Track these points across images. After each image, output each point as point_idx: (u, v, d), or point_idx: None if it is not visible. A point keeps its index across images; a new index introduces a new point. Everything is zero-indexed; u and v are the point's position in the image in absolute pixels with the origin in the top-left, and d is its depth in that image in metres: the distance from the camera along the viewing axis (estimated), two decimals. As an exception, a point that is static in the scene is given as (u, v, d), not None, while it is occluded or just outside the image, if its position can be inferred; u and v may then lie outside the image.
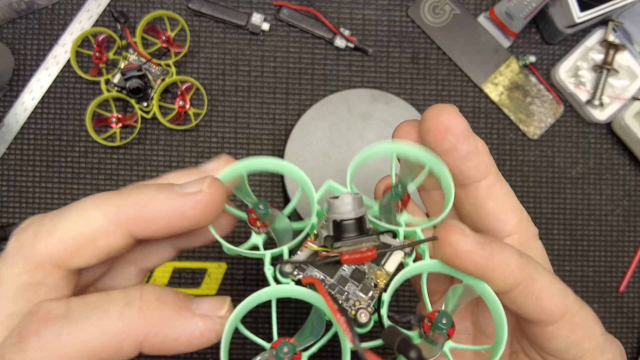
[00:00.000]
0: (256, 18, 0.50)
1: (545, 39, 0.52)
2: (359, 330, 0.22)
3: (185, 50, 0.49)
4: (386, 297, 0.22)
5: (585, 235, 0.52)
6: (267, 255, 0.24)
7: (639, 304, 0.52)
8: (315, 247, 0.23)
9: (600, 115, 0.50)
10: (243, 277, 0.51)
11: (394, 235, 0.24)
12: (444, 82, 0.52)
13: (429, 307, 0.23)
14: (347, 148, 0.48)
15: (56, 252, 0.20)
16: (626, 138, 0.51)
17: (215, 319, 0.21)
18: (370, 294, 0.22)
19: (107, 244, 0.21)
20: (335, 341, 0.22)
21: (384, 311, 0.22)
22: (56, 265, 0.20)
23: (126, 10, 0.51)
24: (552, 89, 0.52)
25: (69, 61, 0.50)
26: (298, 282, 0.23)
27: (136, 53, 0.49)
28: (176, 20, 0.49)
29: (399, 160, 0.24)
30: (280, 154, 0.51)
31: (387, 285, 0.22)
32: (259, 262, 0.51)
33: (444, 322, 0.21)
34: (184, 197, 0.22)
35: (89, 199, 0.21)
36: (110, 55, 0.49)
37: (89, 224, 0.20)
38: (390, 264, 0.23)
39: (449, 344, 0.22)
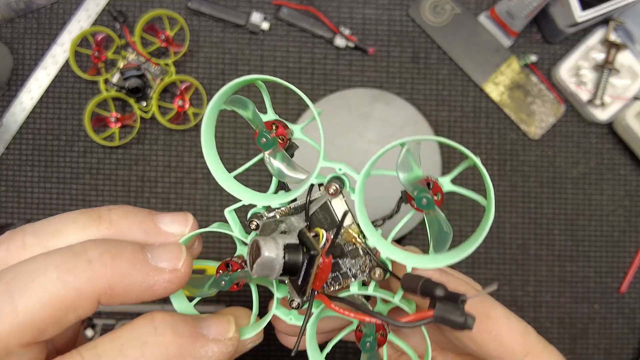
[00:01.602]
0: (256, 17, 0.50)
1: (546, 38, 0.52)
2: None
3: (185, 49, 0.49)
4: (374, 242, 0.22)
5: (587, 235, 0.52)
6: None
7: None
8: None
9: (601, 115, 0.50)
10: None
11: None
12: (445, 82, 0.51)
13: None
14: (347, 148, 0.48)
15: (21, 334, 0.19)
16: (627, 138, 0.50)
17: (226, 342, 0.22)
18: (361, 252, 0.23)
19: (76, 316, 0.20)
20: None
21: (384, 255, 0.22)
22: (23, 345, 0.19)
23: (125, 10, 0.50)
24: (553, 89, 0.52)
25: (67, 61, 0.50)
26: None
27: (135, 52, 0.49)
28: (175, 20, 0.49)
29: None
30: (280, 153, 0.51)
31: (361, 233, 0.22)
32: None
33: (419, 190, 0.21)
34: (158, 274, 0.21)
35: (51, 271, 0.19)
36: (109, 54, 0.49)
37: (58, 302, 0.19)
38: (340, 212, 0.23)
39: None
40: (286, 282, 0.23)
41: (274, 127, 0.23)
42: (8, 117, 0.50)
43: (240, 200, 0.24)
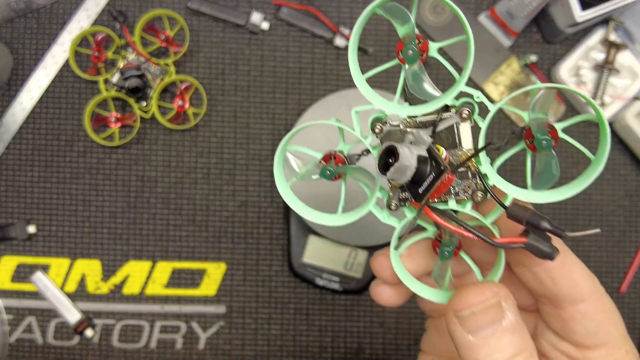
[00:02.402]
0: (256, 17, 0.50)
1: (546, 38, 0.52)
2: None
3: (185, 49, 0.49)
4: (486, 169, 0.24)
5: (586, 235, 0.52)
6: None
7: (640, 305, 0.52)
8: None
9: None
10: (242, 277, 0.51)
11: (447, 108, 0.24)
12: (445, 82, 0.51)
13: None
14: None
15: None
16: (627, 138, 0.50)
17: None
18: (470, 175, 0.24)
19: None
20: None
21: (492, 181, 0.23)
22: None
23: (125, 10, 0.50)
24: (553, 89, 0.52)
25: (67, 61, 0.50)
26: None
27: (135, 52, 0.49)
28: (175, 20, 0.49)
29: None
30: (279, 153, 0.51)
31: (470, 158, 0.24)
32: (259, 261, 0.51)
33: (541, 132, 0.22)
34: None
35: None
36: (109, 54, 0.49)
37: None
38: (465, 141, 0.24)
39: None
40: (389, 186, 0.25)
41: (419, 41, 0.24)
42: (8, 117, 0.50)
43: (371, 104, 0.25)
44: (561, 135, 0.23)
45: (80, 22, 0.50)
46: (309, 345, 0.51)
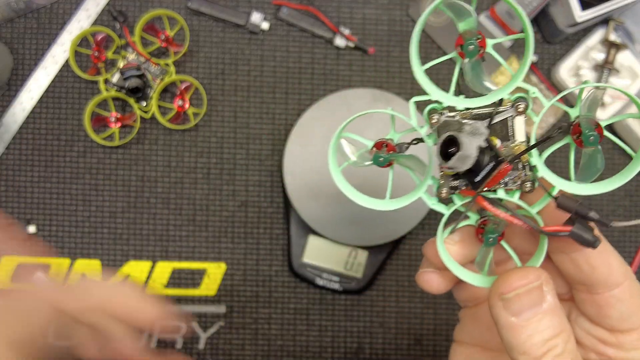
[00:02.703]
0: (256, 17, 0.50)
1: (546, 38, 0.52)
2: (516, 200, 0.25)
3: (185, 49, 0.49)
4: (535, 161, 0.25)
5: (586, 235, 0.52)
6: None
7: None
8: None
9: (601, 114, 0.50)
10: (242, 277, 0.51)
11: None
12: (444, 82, 0.51)
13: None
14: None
15: None
16: (627, 138, 0.50)
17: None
18: (520, 166, 0.25)
19: None
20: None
21: (541, 173, 0.24)
22: None
23: (125, 10, 0.50)
24: (553, 89, 0.52)
25: (67, 60, 0.50)
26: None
27: (135, 52, 0.49)
28: (175, 20, 0.49)
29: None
30: (280, 153, 0.51)
31: (525, 151, 0.25)
32: (259, 261, 0.51)
33: (589, 128, 0.23)
34: None
35: None
36: (109, 54, 0.49)
37: None
38: (519, 134, 0.25)
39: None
40: (440, 174, 0.26)
41: (477, 37, 0.25)
42: (8, 117, 0.50)
43: (428, 95, 0.26)
44: (605, 133, 0.24)
45: (80, 22, 0.50)
46: (309, 345, 0.51)
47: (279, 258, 0.51)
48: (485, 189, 0.25)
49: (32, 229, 0.50)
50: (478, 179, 0.24)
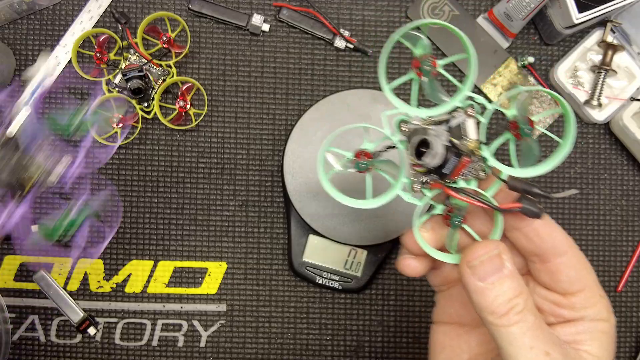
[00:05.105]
0: (256, 19, 0.50)
1: (543, 39, 0.52)
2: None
3: (186, 51, 0.49)
4: (485, 154, 0.30)
5: (584, 235, 0.52)
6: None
7: (637, 304, 0.52)
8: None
9: (598, 115, 0.51)
10: (243, 276, 0.52)
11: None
12: (443, 83, 0.52)
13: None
14: (347, 148, 0.48)
15: None
16: (624, 138, 0.51)
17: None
18: (475, 159, 0.30)
19: None
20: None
21: (491, 163, 0.30)
22: None
23: (127, 11, 0.51)
24: (551, 89, 0.52)
25: (70, 61, 0.50)
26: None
27: (137, 54, 0.49)
28: (177, 21, 0.49)
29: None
30: (280, 153, 0.51)
31: (480, 146, 0.30)
32: (260, 260, 0.52)
33: (524, 123, 0.29)
34: None
35: None
36: (111, 55, 0.49)
37: None
38: (471, 133, 0.30)
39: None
40: (412, 173, 0.31)
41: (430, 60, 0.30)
42: (11, 118, 0.50)
43: (397, 108, 0.31)
44: (537, 127, 0.29)
45: (83, 24, 0.51)
46: (309, 343, 0.52)
47: (280, 257, 0.52)
48: (449, 180, 0.30)
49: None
50: (446, 171, 0.29)
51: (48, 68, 0.50)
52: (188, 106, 0.50)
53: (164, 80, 0.50)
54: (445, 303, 0.35)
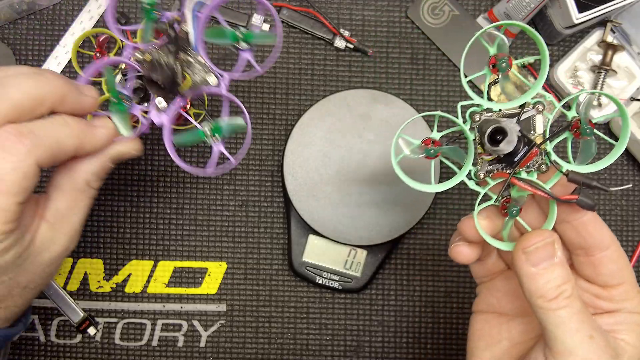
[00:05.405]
0: (256, 19, 0.50)
1: (543, 39, 0.52)
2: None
3: (186, 50, 0.49)
4: (549, 147, 0.32)
5: (584, 234, 0.52)
6: None
7: (637, 303, 0.52)
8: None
9: (597, 114, 0.51)
10: (243, 276, 0.52)
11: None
12: (443, 83, 0.52)
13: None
14: (347, 148, 0.48)
15: (10, 114, 0.30)
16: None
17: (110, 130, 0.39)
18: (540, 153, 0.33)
19: (44, 110, 0.33)
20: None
21: (553, 157, 0.32)
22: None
23: (127, 11, 0.51)
24: (551, 90, 0.52)
25: (70, 61, 0.50)
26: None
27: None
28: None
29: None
30: (280, 154, 0.51)
31: (545, 140, 0.32)
32: (260, 260, 0.52)
33: (586, 124, 0.32)
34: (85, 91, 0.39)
35: (25, 78, 0.32)
36: (111, 55, 0.49)
37: (34, 95, 0.32)
38: (539, 128, 0.33)
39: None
40: (480, 160, 0.33)
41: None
42: (11, 118, 0.50)
43: (473, 100, 0.33)
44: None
45: (83, 24, 0.51)
46: (309, 343, 0.52)
47: (279, 257, 0.52)
48: (521, 168, 0.32)
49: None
50: (516, 158, 0.31)
51: (48, 68, 0.50)
52: (188, 106, 0.50)
53: (164, 80, 0.50)
54: (488, 293, 0.37)
